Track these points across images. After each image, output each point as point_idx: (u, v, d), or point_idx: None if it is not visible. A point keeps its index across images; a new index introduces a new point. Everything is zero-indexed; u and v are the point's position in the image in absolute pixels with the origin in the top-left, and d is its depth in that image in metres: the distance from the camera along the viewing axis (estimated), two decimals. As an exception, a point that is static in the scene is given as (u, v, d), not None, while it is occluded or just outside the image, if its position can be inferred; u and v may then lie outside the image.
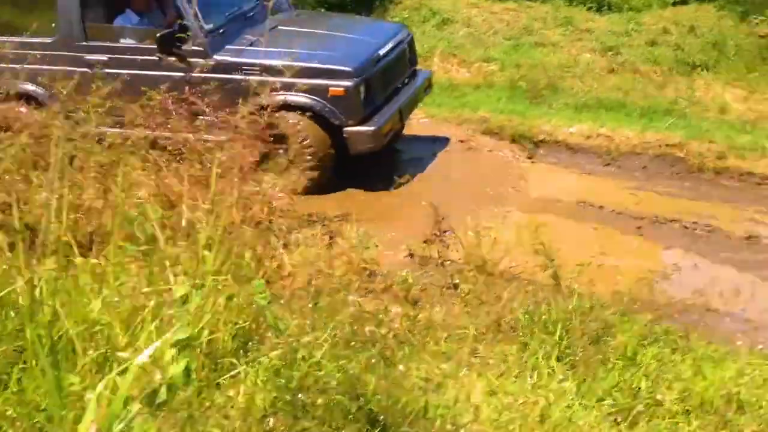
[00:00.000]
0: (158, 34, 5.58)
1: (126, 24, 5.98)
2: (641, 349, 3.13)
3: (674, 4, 11.04)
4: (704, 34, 9.76)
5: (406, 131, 6.66)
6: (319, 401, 1.88)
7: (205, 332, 1.98)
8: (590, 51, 9.69)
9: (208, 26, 5.75)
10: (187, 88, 5.37)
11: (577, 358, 3.02)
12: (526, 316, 3.24)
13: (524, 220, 4.50)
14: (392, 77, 6.08)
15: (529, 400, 2.60)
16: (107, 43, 5.86)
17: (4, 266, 2.29)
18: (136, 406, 1.44)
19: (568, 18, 10.23)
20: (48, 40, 5.80)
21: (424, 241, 4.05)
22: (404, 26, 6.82)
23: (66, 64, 5.69)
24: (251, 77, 5.08)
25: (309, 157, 5.49)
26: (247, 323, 2.21)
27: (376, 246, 4.37)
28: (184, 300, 1.73)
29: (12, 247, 2.45)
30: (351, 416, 1.96)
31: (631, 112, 7.31)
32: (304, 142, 5.53)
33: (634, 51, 9.47)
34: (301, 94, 5.49)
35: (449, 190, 5.70)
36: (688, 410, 2.83)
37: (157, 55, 5.57)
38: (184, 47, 5.62)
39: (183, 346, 1.62)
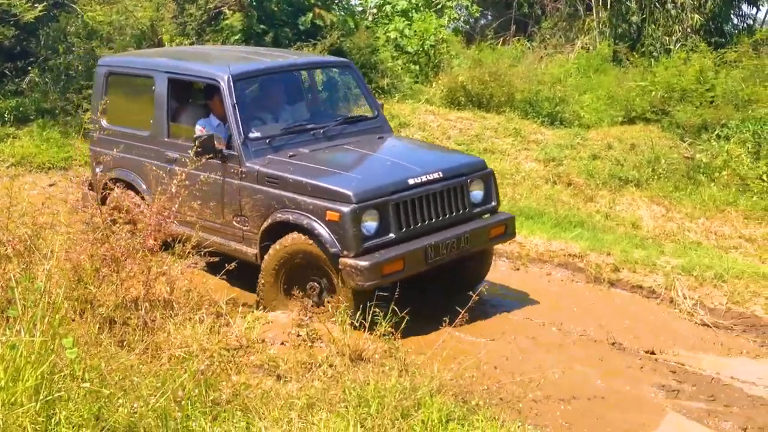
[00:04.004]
0: (195, 136, 5.78)
1: (206, 127, 6.17)
2: (444, 425, 3.74)
3: (622, 123, 11.99)
4: (643, 152, 10.57)
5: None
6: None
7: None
8: (534, 160, 10.52)
9: (254, 135, 5.81)
10: (224, 192, 5.74)
11: (386, 429, 3.63)
12: (353, 392, 3.87)
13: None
14: (429, 211, 5.49)
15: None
16: (181, 142, 6.11)
17: None
18: None
19: (518, 129, 11.13)
20: (145, 133, 6.33)
21: (297, 325, 4.70)
22: (480, 161, 6.22)
23: (153, 158, 6.18)
24: (269, 189, 5.46)
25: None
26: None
27: (263, 324, 5.06)
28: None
29: None
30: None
31: (546, 222, 8.00)
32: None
33: (576, 163, 10.27)
34: (304, 213, 5.31)
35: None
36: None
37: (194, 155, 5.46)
38: (225, 152, 5.75)
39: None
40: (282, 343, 4.71)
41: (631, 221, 8.44)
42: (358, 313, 4.87)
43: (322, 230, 5.21)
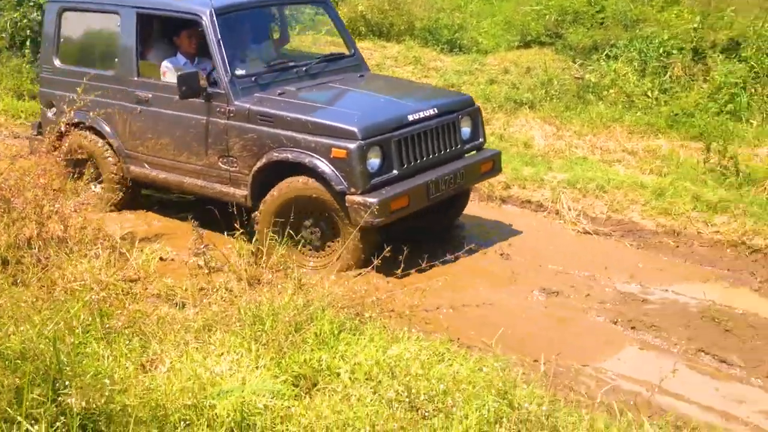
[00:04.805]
0: (178, 74, 5.56)
1: (173, 65, 6.03)
2: (336, 336, 3.97)
3: (518, 47, 12.27)
4: (538, 75, 10.90)
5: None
6: None
7: None
8: (434, 87, 10.73)
9: (239, 72, 5.65)
10: (208, 132, 5.56)
11: (280, 342, 3.84)
12: (248, 312, 4.05)
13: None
14: (426, 148, 5.51)
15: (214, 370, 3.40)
16: (153, 81, 5.99)
17: None
18: None
19: (417, 57, 11.28)
20: (110, 73, 6.15)
21: (194, 255, 4.82)
22: (468, 97, 6.28)
23: (121, 99, 6.01)
24: (263, 128, 5.36)
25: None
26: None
27: (161, 259, 5.18)
28: None
29: None
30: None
31: (443, 145, 8.23)
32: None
33: (474, 88, 10.49)
34: (305, 152, 5.21)
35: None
36: (356, 379, 3.66)
37: (179, 95, 5.46)
38: (209, 90, 5.60)
39: None
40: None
41: (523, 141, 8.77)
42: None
43: (326, 168, 5.11)
